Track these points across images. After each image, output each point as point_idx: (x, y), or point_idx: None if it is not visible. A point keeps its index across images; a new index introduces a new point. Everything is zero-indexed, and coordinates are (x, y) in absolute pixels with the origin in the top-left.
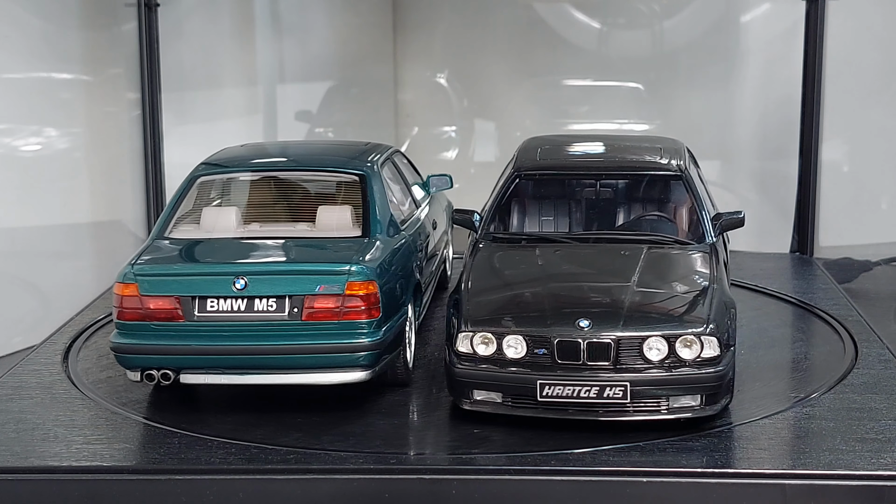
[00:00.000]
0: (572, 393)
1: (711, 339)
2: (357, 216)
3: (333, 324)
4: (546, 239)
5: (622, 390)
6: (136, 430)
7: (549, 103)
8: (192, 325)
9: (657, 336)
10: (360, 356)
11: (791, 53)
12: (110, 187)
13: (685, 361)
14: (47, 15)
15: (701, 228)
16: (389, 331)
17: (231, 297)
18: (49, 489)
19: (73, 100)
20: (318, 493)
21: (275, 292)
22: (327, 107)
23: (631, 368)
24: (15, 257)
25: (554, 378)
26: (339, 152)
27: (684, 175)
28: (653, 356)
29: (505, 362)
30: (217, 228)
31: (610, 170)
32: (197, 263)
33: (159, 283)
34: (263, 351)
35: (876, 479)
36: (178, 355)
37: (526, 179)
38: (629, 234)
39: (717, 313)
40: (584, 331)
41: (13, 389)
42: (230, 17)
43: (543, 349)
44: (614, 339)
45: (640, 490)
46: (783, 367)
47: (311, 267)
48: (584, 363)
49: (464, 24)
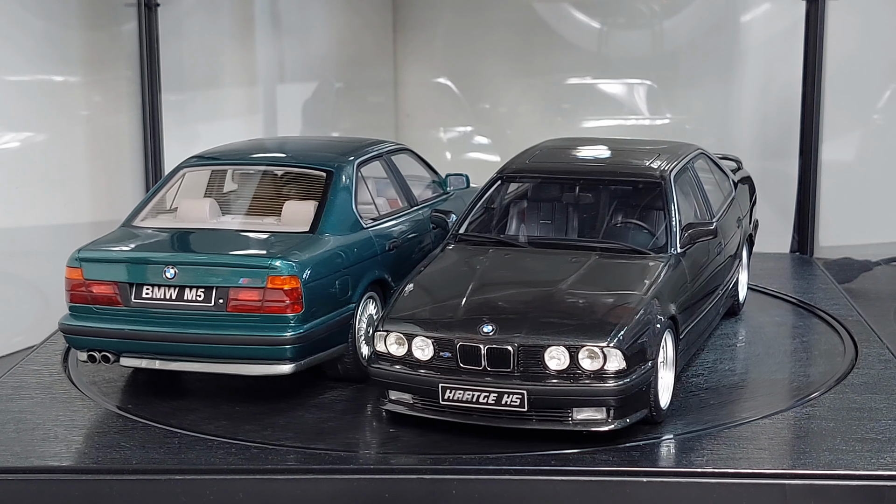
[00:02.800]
0: (472, 398)
1: (615, 351)
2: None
3: (256, 316)
4: (505, 243)
5: (520, 398)
6: (136, 430)
7: (550, 103)
8: (129, 311)
9: (558, 345)
10: (282, 349)
11: (791, 53)
12: (110, 187)
13: (588, 373)
14: (47, 15)
15: (666, 238)
16: (318, 326)
17: (164, 286)
18: (49, 489)
19: (73, 100)
20: (318, 493)
21: (202, 283)
22: (327, 107)
23: (531, 377)
24: (15, 257)
25: (455, 382)
26: (323, 148)
27: (664, 183)
28: (554, 366)
29: (415, 364)
30: (189, 219)
31: (590, 175)
32: (134, 251)
33: (100, 269)
34: (191, 339)
35: (876, 479)
36: (116, 339)
37: (507, 182)
38: (585, 241)
39: (632, 326)
40: (486, 336)
41: (13, 389)
42: (230, 16)
43: (448, 353)
44: (515, 346)
45: (640, 490)
46: (783, 367)
47: (235, 260)
48: (485, 369)
49: (464, 24)
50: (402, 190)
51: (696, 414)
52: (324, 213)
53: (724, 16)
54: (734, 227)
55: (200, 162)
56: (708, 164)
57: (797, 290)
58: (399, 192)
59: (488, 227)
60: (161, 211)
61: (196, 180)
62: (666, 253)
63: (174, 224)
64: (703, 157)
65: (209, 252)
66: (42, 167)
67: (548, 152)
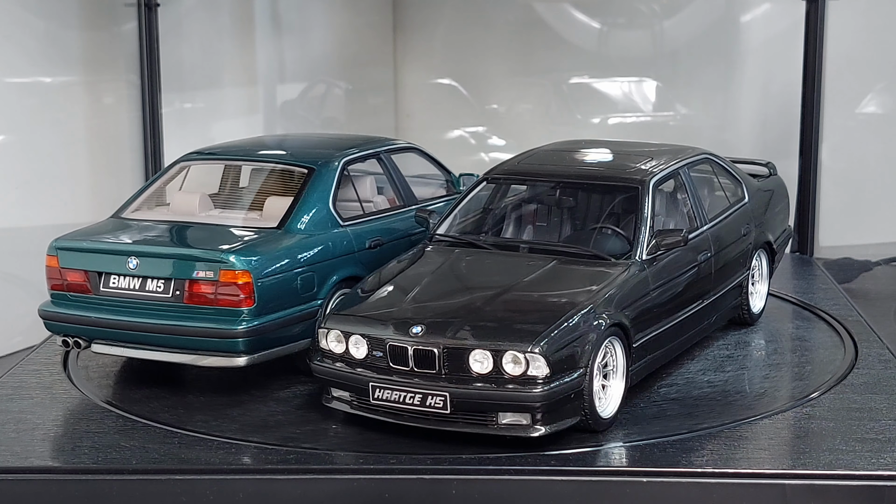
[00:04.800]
0: (399, 398)
1: (538, 357)
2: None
3: (210, 309)
4: (474, 245)
5: (443, 400)
6: (136, 430)
7: (550, 103)
8: (98, 299)
9: (482, 349)
10: (234, 343)
11: (791, 53)
12: (110, 187)
13: (511, 378)
14: (48, 15)
15: (631, 245)
16: (274, 321)
17: (128, 276)
18: (49, 489)
19: (73, 100)
20: (318, 493)
21: (161, 274)
22: (327, 107)
23: (456, 379)
24: (15, 257)
25: (383, 382)
26: (318, 145)
27: (640, 189)
28: (477, 369)
29: (352, 362)
30: (179, 212)
31: (570, 179)
32: (104, 242)
33: (74, 258)
34: (151, 329)
35: (876, 479)
36: (86, 326)
37: (493, 183)
38: (547, 245)
39: (561, 333)
40: (413, 337)
41: (13, 389)
42: (230, 16)
43: (380, 352)
44: (440, 348)
45: (640, 490)
46: (783, 367)
47: (191, 253)
48: (412, 370)
49: (464, 24)
50: (401, 188)
51: (679, 419)
52: (295, 210)
53: (724, 16)
54: (737, 235)
55: (195, 157)
56: (714, 170)
57: (797, 290)
58: (396, 191)
59: (465, 228)
60: (158, 204)
61: (209, 175)
62: (630, 259)
63: (160, 216)
64: (709, 162)
65: (169, 245)
66: (42, 167)
67: (541, 155)
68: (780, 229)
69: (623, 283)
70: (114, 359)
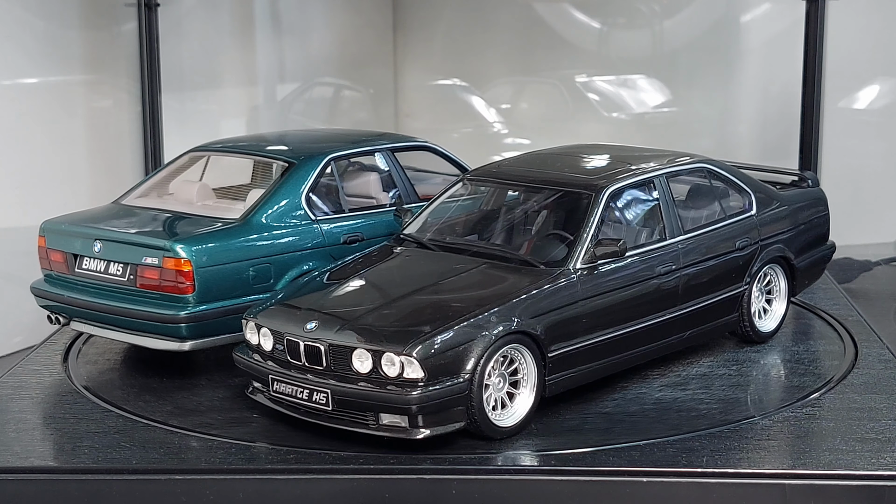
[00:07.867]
0: (291, 392)
1: (413, 360)
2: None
3: (157, 294)
4: (423, 245)
5: (325, 397)
6: (136, 430)
7: (550, 103)
8: (73, 279)
9: (362, 349)
10: (177, 328)
11: (791, 53)
12: (110, 187)
13: (390, 379)
14: (48, 15)
15: (567, 253)
16: (218, 309)
17: (96, 259)
18: (49, 489)
19: (74, 99)
20: (318, 493)
21: (119, 259)
22: (326, 107)
23: (341, 377)
24: (15, 257)
25: (281, 376)
26: (311, 140)
27: (592, 197)
28: (359, 368)
29: (265, 354)
30: (177, 200)
31: (531, 184)
32: (80, 225)
33: (56, 239)
34: (110, 310)
35: (876, 479)
36: (65, 304)
37: (467, 184)
38: (482, 248)
39: (445, 337)
40: (306, 333)
41: (13, 389)
42: (230, 16)
43: (281, 346)
44: (326, 346)
45: (640, 490)
46: (783, 367)
47: (140, 240)
48: (304, 364)
49: (464, 24)
50: (403, 186)
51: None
52: (262, 204)
53: (724, 16)
54: (728, 248)
55: (198, 148)
56: (711, 180)
57: None
58: (401, 188)
59: (428, 228)
60: (162, 193)
61: (235, 169)
62: (561, 267)
63: (153, 204)
64: (708, 172)
65: (127, 232)
66: (42, 167)
67: (524, 158)
68: (810, 244)
69: (545, 292)
70: (114, 359)
